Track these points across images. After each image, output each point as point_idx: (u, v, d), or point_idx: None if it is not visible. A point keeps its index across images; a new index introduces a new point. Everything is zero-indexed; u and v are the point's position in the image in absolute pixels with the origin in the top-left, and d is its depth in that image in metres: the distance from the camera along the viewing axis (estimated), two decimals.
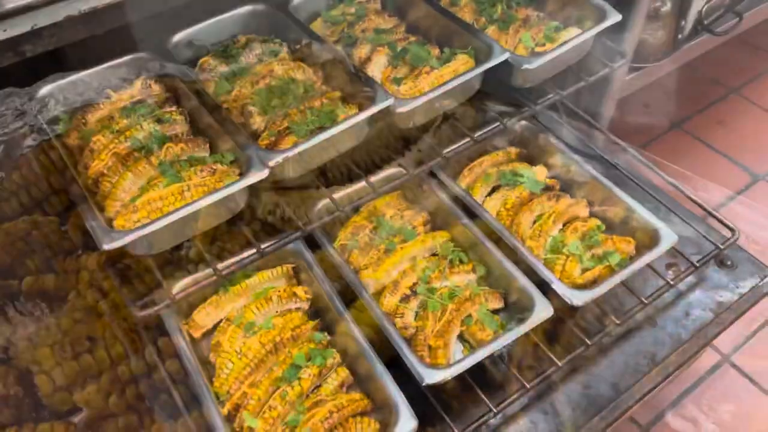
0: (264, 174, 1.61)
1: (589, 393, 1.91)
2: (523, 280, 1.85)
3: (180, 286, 1.70)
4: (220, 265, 1.69)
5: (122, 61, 1.94)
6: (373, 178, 2.12)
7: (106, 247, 1.44)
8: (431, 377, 1.62)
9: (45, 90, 1.82)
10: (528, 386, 1.77)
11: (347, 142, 1.85)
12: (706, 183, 3.57)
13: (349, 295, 1.87)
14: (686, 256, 2.10)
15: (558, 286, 1.81)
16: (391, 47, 2.04)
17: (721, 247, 2.10)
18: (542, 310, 1.76)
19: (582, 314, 2.00)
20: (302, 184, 1.90)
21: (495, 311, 1.90)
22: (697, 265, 2.05)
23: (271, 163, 1.64)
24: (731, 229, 2.14)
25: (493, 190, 2.23)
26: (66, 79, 1.85)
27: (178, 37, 2.03)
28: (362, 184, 2.09)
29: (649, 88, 3.29)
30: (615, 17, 2.04)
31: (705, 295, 2.12)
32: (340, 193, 2.07)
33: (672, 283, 2.00)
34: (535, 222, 2.08)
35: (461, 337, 1.87)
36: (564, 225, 2.08)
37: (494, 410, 1.72)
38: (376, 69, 2.01)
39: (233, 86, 1.94)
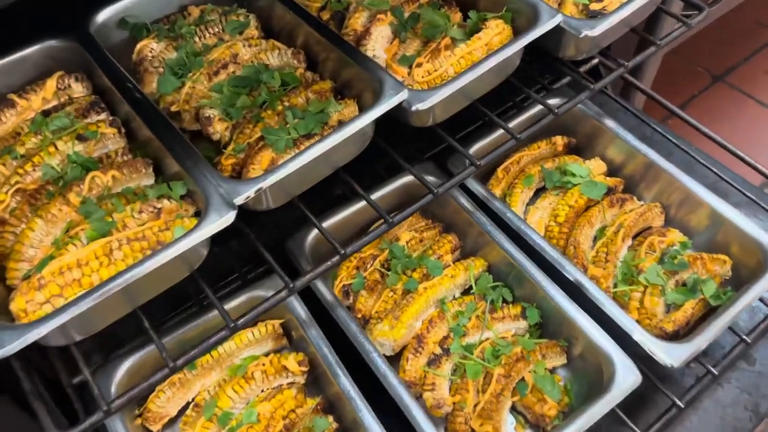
0: (229, 219, 1.11)
1: None
2: (591, 328, 1.38)
3: (120, 378, 1.21)
4: (166, 338, 1.20)
5: (28, 52, 1.41)
6: (379, 194, 1.63)
7: None
8: None
9: None
10: None
11: (345, 155, 1.34)
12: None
13: (357, 355, 1.39)
14: None
15: (642, 339, 1.33)
16: (396, 13, 1.50)
17: None
18: (626, 377, 1.29)
19: None
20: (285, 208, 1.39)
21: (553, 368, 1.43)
22: None
23: (239, 200, 1.13)
24: None
25: (536, 193, 1.73)
26: None
27: (104, 13, 1.49)
28: (362, 204, 1.59)
29: (690, 38, 2.77)
30: None
31: None
32: (337, 218, 1.58)
33: None
34: (596, 238, 1.58)
35: (512, 407, 1.40)
36: (634, 238, 1.59)
37: None
38: (378, 45, 1.48)
39: (184, 80, 1.41)
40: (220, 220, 1.10)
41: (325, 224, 1.57)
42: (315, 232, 1.54)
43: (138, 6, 1.53)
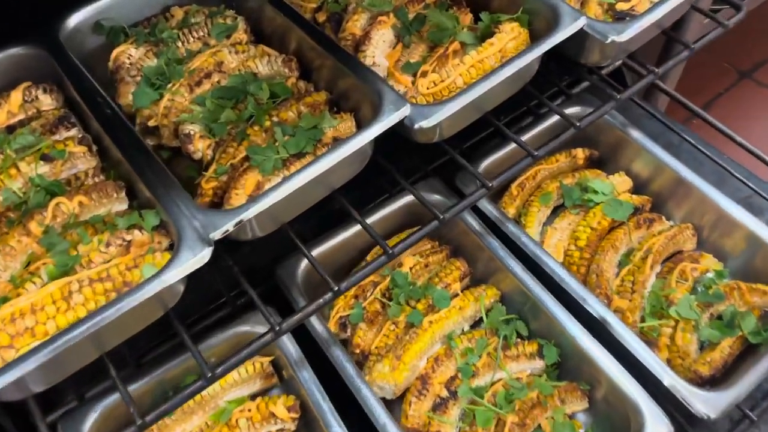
0: (203, 258, 0.98)
1: None
2: (616, 370, 1.23)
3: (89, 427, 1.08)
4: (141, 382, 1.07)
5: None
6: (381, 214, 1.48)
7: None
8: None
9: None
10: None
11: (341, 176, 1.20)
12: None
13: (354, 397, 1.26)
14: None
15: (675, 385, 1.18)
16: (399, 15, 1.35)
17: None
18: (656, 429, 1.14)
19: None
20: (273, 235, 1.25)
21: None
22: None
23: (216, 235, 1.00)
24: None
25: (554, 210, 1.58)
26: None
27: (77, 17, 1.36)
28: (357, 228, 1.45)
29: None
30: None
31: None
32: (334, 242, 1.43)
33: None
34: (620, 263, 1.43)
35: None
36: (663, 263, 1.44)
37: None
38: (379, 51, 1.33)
39: (162, 92, 1.27)
40: (193, 260, 0.96)
41: (321, 248, 1.43)
42: (302, 265, 1.39)
43: (114, 7, 1.39)
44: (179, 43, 1.37)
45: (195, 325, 1.55)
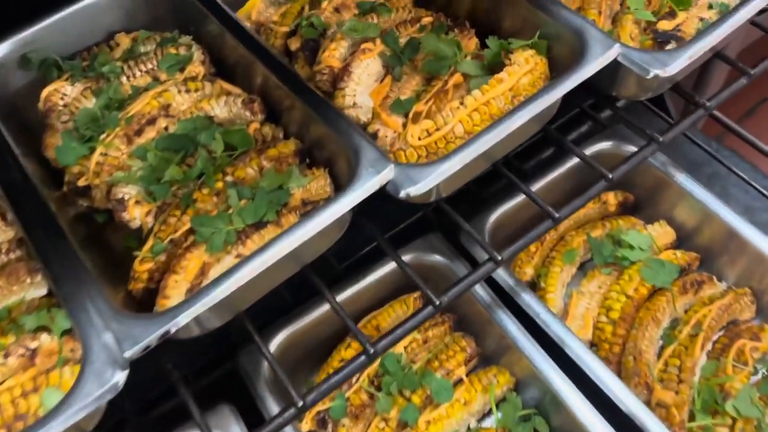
0: (115, 385, 0.74)
1: None
2: None
3: None
4: None
5: None
6: (371, 279, 1.23)
7: None
8: None
9: None
10: None
11: (313, 251, 0.96)
12: None
13: None
14: None
15: None
16: (388, 41, 1.10)
17: None
18: None
19: None
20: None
21: None
22: None
23: (132, 353, 0.76)
24: None
25: (581, 265, 1.32)
26: None
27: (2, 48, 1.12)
28: (347, 294, 1.21)
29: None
30: None
31: None
32: (308, 320, 1.19)
33: None
34: (663, 338, 1.17)
35: None
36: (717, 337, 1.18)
37: None
38: (362, 87, 1.08)
39: (94, 145, 1.03)
40: (97, 394, 0.72)
41: (297, 325, 1.18)
42: (277, 340, 1.15)
43: (47, 36, 1.16)
44: (123, 78, 1.14)
45: (154, 407, 1.33)
